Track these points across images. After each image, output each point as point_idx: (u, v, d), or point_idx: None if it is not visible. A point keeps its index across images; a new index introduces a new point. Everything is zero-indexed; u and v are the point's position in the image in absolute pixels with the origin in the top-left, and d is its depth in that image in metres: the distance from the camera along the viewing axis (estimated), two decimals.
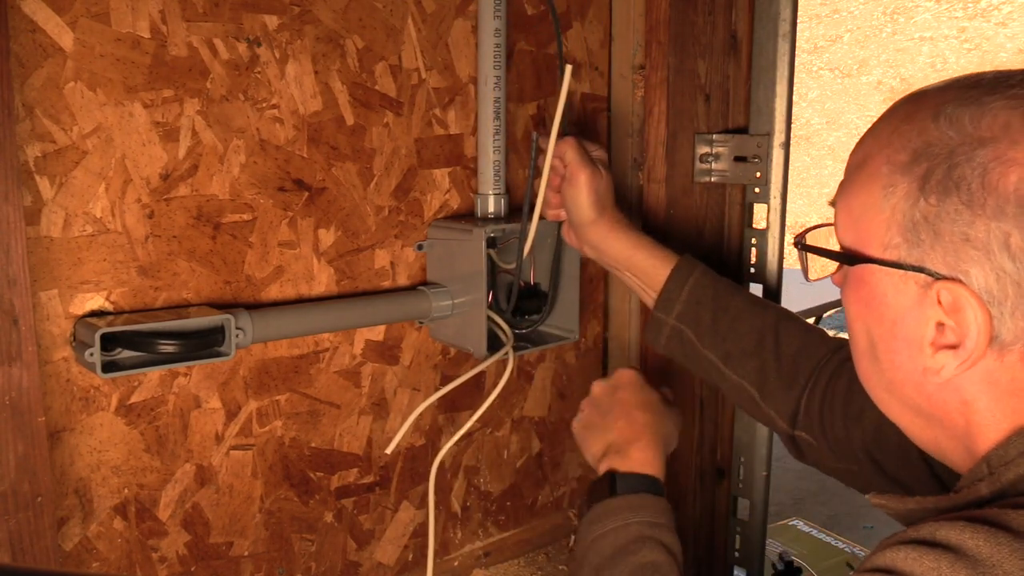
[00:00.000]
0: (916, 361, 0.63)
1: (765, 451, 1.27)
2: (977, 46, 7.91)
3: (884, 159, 0.63)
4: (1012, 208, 0.56)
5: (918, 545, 0.53)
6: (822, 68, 8.55)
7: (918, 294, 0.61)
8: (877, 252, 0.63)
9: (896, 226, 0.62)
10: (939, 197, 0.59)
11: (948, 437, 0.65)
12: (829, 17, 8.88)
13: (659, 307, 1.02)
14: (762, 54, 1.19)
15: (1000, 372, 0.60)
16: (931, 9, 8.36)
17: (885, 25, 8.52)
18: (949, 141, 0.59)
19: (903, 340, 0.63)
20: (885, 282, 0.63)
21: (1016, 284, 0.56)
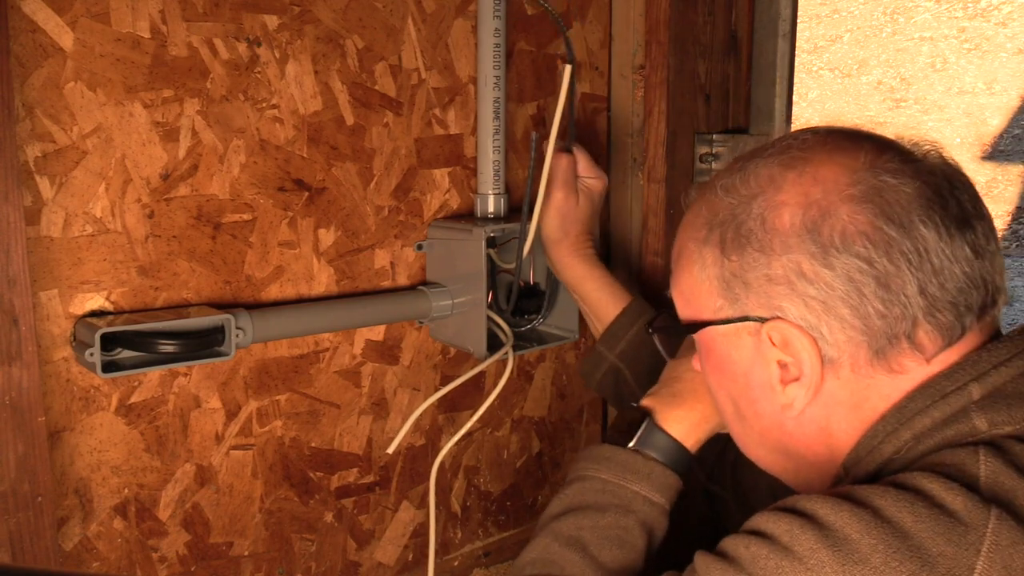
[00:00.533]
0: (773, 403, 0.68)
1: None
2: (977, 46, 7.91)
3: (690, 239, 0.72)
4: (793, 240, 0.63)
5: (782, 511, 0.59)
6: (822, 68, 8.55)
7: (753, 342, 0.67)
8: (709, 316, 0.70)
9: (716, 290, 0.69)
10: (738, 253, 0.66)
11: (816, 471, 0.70)
12: (829, 17, 8.88)
13: (603, 342, 1.04)
14: (762, 54, 1.19)
15: (840, 390, 0.65)
16: (931, 9, 8.37)
17: (885, 25, 8.53)
18: (729, 206, 0.68)
19: (757, 388, 0.69)
20: (725, 342, 0.70)
21: (823, 303, 0.63)
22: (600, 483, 0.81)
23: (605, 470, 0.82)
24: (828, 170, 0.64)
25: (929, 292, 0.61)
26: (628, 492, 0.81)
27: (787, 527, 0.57)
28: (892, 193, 0.62)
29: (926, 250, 0.61)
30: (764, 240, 0.65)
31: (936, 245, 0.61)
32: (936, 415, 0.62)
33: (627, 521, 0.79)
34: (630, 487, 0.81)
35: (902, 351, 0.63)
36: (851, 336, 0.63)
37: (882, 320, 0.62)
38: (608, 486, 0.81)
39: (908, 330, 0.62)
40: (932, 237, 0.61)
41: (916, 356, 0.63)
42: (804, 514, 0.58)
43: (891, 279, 0.61)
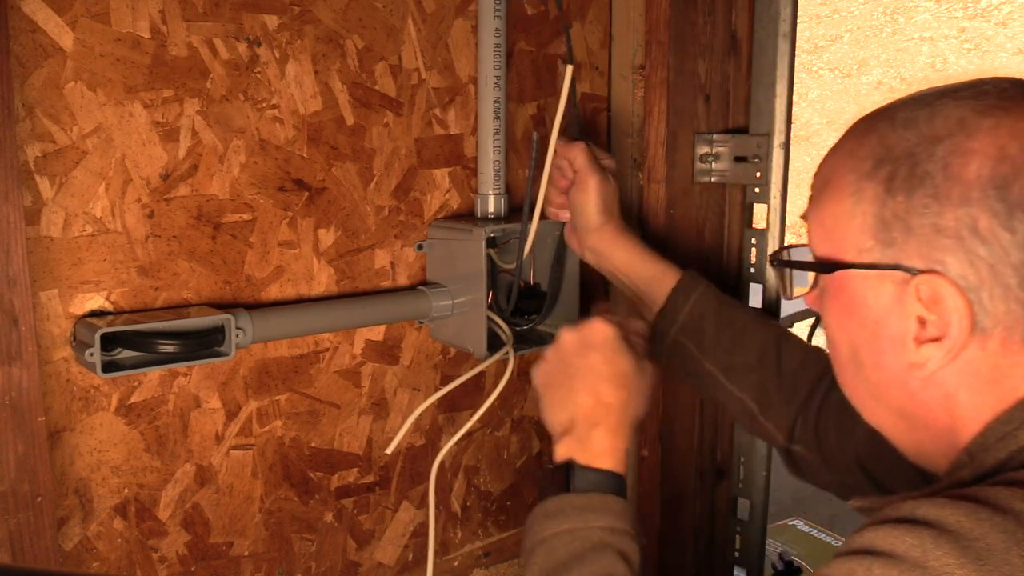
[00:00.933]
0: (900, 359, 0.63)
1: (765, 451, 1.27)
2: (977, 46, 7.91)
3: (848, 169, 0.65)
4: (976, 193, 0.58)
5: (898, 523, 0.54)
6: (822, 68, 8.55)
7: (897, 292, 0.62)
8: (852, 257, 0.65)
9: (868, 229, 0.63)
10: (906, 194, 0.61)
11: (932, 438, 0.66)
12: (829, 17, 8.88)
13: (661, 319, 1.02)
14: (762, 54, 1.19)
15: (981, 361, 0.61)
16: (931, 9, 8.36)
17: (885, 25, 8.53)
18: (908, 143, 0.62)
19: (886, 340, 0.64)
20: (863, 286, 0.65)
21: (991, 267, 0.58)
22: (566, 535, 0.78)
23: (564, 521, 0.79)
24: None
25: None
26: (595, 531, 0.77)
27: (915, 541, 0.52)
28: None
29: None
30: (942, 186, 0.59)
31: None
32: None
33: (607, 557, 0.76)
34: (595, 525, 0.78)
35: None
36: (1012, 309, 0.58)
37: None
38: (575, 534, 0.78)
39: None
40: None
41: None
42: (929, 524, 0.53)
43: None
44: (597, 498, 0.79)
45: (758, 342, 0.98)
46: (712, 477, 1.31)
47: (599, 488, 0.81)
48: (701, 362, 1.01)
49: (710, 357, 1.00)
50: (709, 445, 1.30)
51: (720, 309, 1.01)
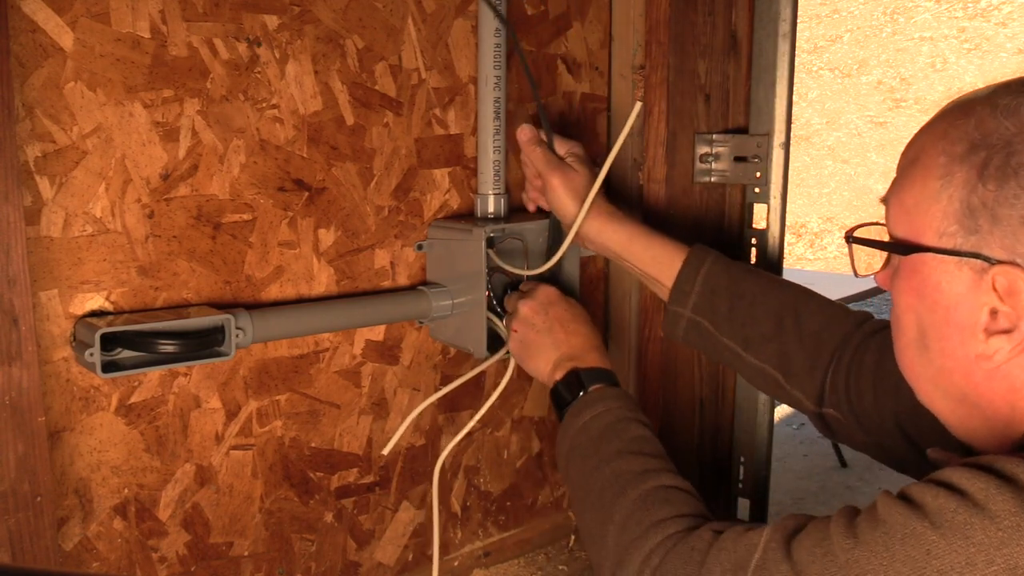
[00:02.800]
0: (968, 347, 0.64)
1: (765, 451, 1.27)
2: (977, 46, 7.91)
3: (940, 151, 0.65)
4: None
5: (976, 468, 0.57)
6: (822, 68, 8.55)
7: (972, 280, 0.63)
8: (932, 241, 0.65)
9: (953, 214, 0.63)
10: (998, 183, 0.60)
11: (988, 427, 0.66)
12: (829, 17, 8.88)
13: (673, 300, 1.02)
14: (762, 54, 1.19)
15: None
16: (931, 9, 8.37)
17: (885, 25, 8.53)
18: (1006, 131, 0.61)
19: (955, 327, 0.64)
20: (939, 270, 0.65)
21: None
22: (594, 419, 0.91)
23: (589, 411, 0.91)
24: None
25: None
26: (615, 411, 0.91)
27: (983, 485, 0.56)
28: None
29: None
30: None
31: None
32: None
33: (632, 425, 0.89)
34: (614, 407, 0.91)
35: None
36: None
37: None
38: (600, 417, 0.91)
39: None
40: None
41: None
42: (1003, 475, 0.56)
43: None
44: (609, 389, 0.94)
45: (772, 311, 0.98)
46: (712, 477, 1.31)
47: (605, 380, 0.95)
48: (719, 339, 1.01)
49: (726, 333, 1.00)
50: (709, 445, 1.30)
51: (730, 283, 1.00)
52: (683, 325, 1.02)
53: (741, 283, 1.00)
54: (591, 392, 0.93)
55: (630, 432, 0.88)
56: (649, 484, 0.81)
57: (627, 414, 0.90)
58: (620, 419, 0.90)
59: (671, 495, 0.80)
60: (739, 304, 0.99)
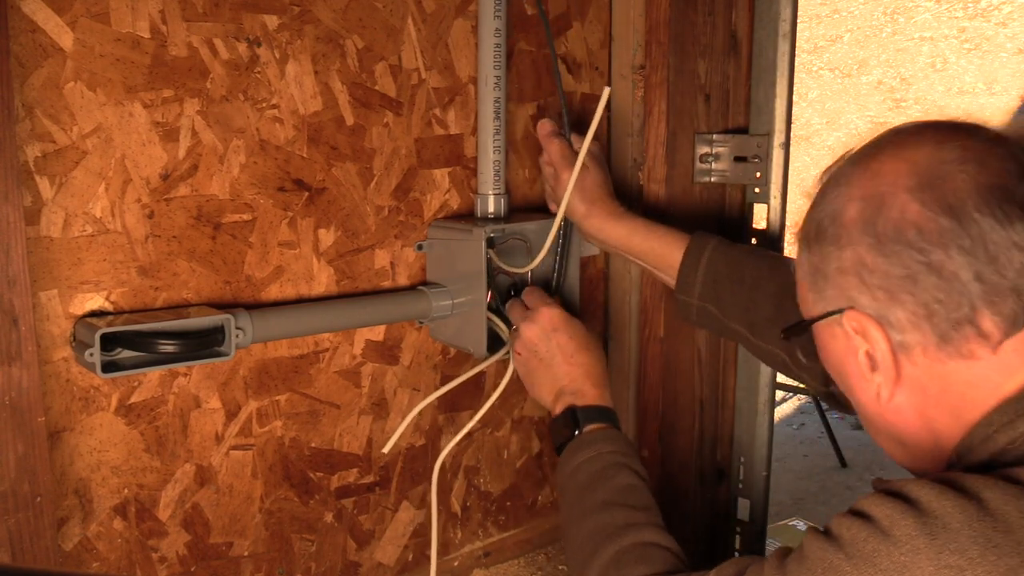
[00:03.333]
0: (868, 392, 0.71)
1: (765, 451, 1.27)
2: (977, 46, 7.91)
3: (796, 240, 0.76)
4: (856, 233, 0.67)
5: (885, 495, 0.61)
6: (822, 68, 8.55)
7: (843, 334, 0.70)
8: (808, 314, 0.75)
9: (808, 285, 0.73)
10: (817, 247, 0.71)
11: (932, 461, 0.71)
12: (829, 17, 8.88)
13: (680, 290, 1.05)
14: (762, 54, 1.19)
15: (920, 375, 0.67)
16: (931, 9, 8.36)
17: (885, 25, 8.52)
18: (815, 204, 0.73)
19: (854, 377, 0.72)
20: (824, 335, 0.74)
21: (886, 292, 0.66)
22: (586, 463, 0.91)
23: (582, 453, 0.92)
24: (890, 164, 0.67)
25: (987, 278, 0.62)
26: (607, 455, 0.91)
27: (889, 511, 0.59)
28: (948, 182, 0.63)
29: (980, 237, 0.62)
30: (834, 234, 0.69)
31: (993, 232, 0.62)
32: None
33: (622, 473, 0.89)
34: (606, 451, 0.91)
35: (968, 337, 0.64)
36: (915, 322, 0.65)
37: (940, 306, 0.64)
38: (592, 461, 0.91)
39: (969, 316, 0.63)
40: (988, 224, 0.62)
41: (983, 342, 0.64)
42: (908, 499, 0.59)
43: (944, 266, 0.63)
44: (601, 431, 0.94)
45: (772, 294, 0.99)
46: (712, 477, 1.31)
47: (602, 419, 0.95)
48: (727, 323, 1.04)
49: (733, 318, 1.03)
50: (709, 445, 1.30)
51: (730, 270, 1.02)
52: (693, 311, 1.06)
53: (741, 269, 1.02)
54: (585, 433, 0.94)
55: (618, 480, 0.88)
56: (628, 540, 0.82)
57: (618, 459, 0.90)
58: (609, 465, 0.90)
59: (648, 553, 0.81)
60: (740, 290, 1.02)
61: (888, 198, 0.66)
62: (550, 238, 1.07)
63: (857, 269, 0.67)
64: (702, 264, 1.03)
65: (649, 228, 1.07)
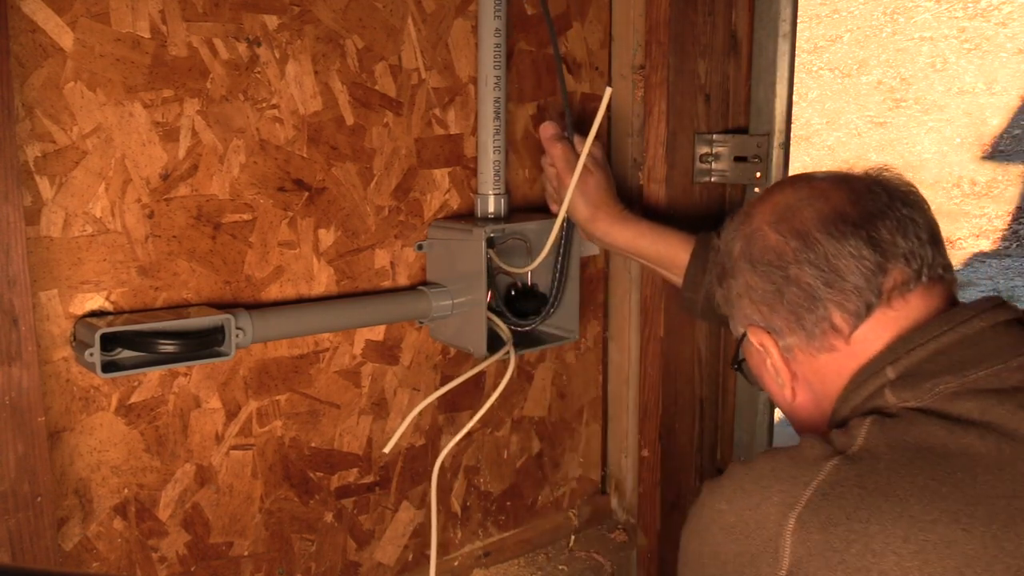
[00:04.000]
0: (782, 395, 0.84)
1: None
2: (977, 46, 7.91)
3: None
4: (741, 263, 0.82)
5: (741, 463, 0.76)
6: (822, 68, 8.55)
7: (754, 350, 0.84)
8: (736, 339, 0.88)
9: (729, 315, 0.87)
10: (722, 282, 0.86)
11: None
12: (829, 17, 8.88)
13: (687, 288, 1.07)
14: (762, 54, 1.19)
15: (805, 372, 0.81)
16: (931, 9, 8.36)
17: (885, 25, 8.52)
18: (722, 243, 0.87)
19: (771, 384, 0.85)
20: (747, 354, 0.87)
21: (767, 305, 0.80)
22: None
23: None
24: (760, 208, 0.83)
25: (833, 284, 0.76)
26: None
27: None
28: (797, 215, 0.79)
29: (824, 252, 0.76)
30: (729, 268, 0.84)
31: (831, 246, 0.76)
32: (863, 392, 0.76)
33: None
34: None
35: (827, 333, 0.78)
36: (790, 326, 0.80)
37: (804, 310, 0.78)
38: None
39: (824, 315, 0.77)
40: (827, 241, 0.76)
41: (838, 336, 0.78)
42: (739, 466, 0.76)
43: (800, 278, 0.78)
44: None
45: None
46: (712, 477, 1.31)
47: None
48: None
49: None
50: (709, 445, 1.30)
51: None
52: (699, 307, 1.08)
53: None
54: None
55: None
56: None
57: None
58: None
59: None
60: None
61: (756, 232, 0.81)
62: (551, 239, 1.07)
63: (746, 291, 0.82)
64: (709, 263, 1.04)
65: (654, 230, 1.09)
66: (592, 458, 1.34)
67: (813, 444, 0.71)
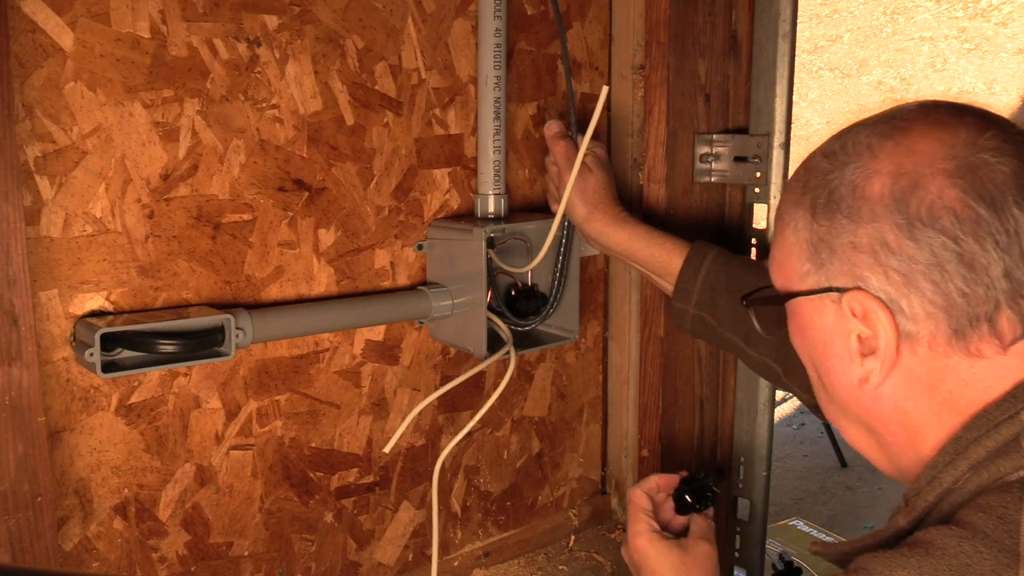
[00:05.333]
0: (850, 375, 0.68)
1: (765, 451, 1.27)
2: (977, 46, 7.91)
3: (787, 203, 0.72)
4: (881, 209, 0.63)
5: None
6: (822, 68, 8.55)
7: (836, 311, 0.67)
8: (797, 285, 0.70)
9: (804, 255, 0.69)
10: (827, 217, 0.66)
11: (899, 455, 0.69)
12: (829, 17, 8.88)
13: (677, 298, 1.05)
14: (762, 54, 1.19)
15: (918, 367, 0.64)
16: (931, 9, 8.36)
17: (885, 25, 8.52)
18: (825, 170, 0.67)
19: (836, 358, 0.69)
20: (809, 309, 0.70)
21: (904, 276, 0.62)
22: None
23: None
24: (925, 143, 0.63)
25: (1015, 276, 0.60)
26: None
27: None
28: (988, 171, 0.60)
29: (1016, 232, 0.59)
30: (853, 207, 0.64)
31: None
32: (989, 444, 0.61)
33: None
34: None
35: (982, 335, 0.62)
36: (931, 312, 0.62)
37: (963, 299, 0.61)
38: None
39: (990, 313, 0.61)
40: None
41: (994, 342, 0.62)
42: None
43: (976, 258, 0.60)
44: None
45: None
46: (712, 477, 1.31)
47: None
48: (721, 332, 1.04)
49: (728, 327, 1.03)
50: (709, 445, 1.30)
51: (729, 280, 1.02)
52: (688, 319, 1.06)
53: (740, 279, 1.02)
54: None
55: None
56: None
57: None
58: None
59: None
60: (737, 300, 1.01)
61: (924, 179, 0.61)
62: (550, 238, 1.07)
63: (875, 248, 0.63)
64: (701, 273, 1.03)
65: (650, 234, 1.07)
66: (592, 458, 1.34)
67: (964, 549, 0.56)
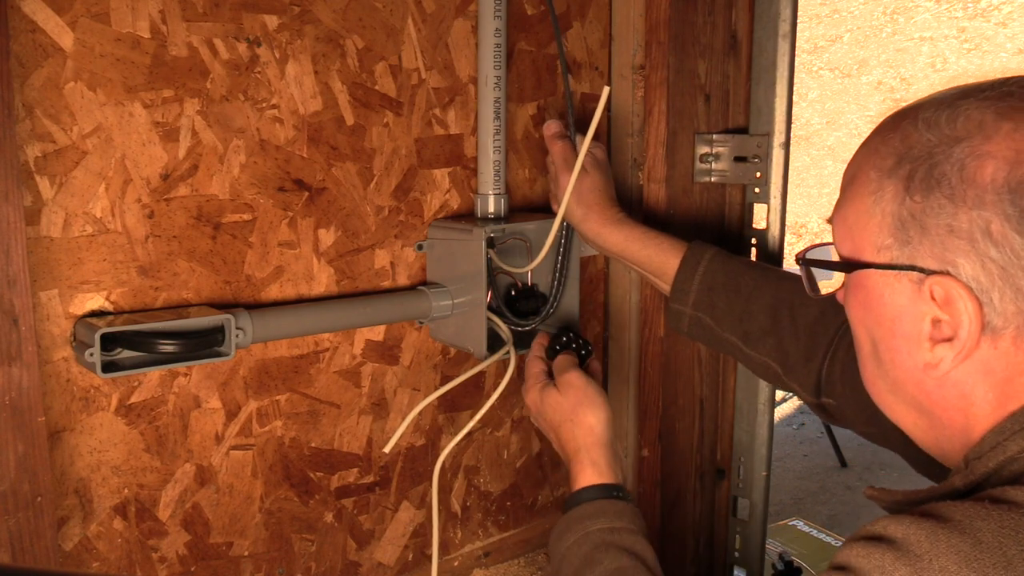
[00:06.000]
0: (916, 357, 0.65)
1: (765, 451, 1.27)
2: (977, 46, 7.90)
3: (872, 167, 0.66)
4: (991, 196, 0.59)
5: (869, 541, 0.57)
6: (822, 68, 8.55)
7: (912, 291, 0.64)
8: (871, 256, 0.66)
9: (887, 228, 0.65)
10: (923, 194, 0.62)
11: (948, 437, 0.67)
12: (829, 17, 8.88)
13: (674, 299, 1.05)
14: (762, 54, 1.19)
15: (995, 360, 0.62)
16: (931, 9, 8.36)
17: (885, 25, 8.52)
18: (928, 142, 0.62)
19: (902, 338, 0.65)
20: (881, 284, 0.66)
21: (1002, 269, 0.59)
22: (574, 545, 0.86)
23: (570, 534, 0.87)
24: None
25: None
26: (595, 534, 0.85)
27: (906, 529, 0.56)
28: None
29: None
30: (957, 188, 0.60)
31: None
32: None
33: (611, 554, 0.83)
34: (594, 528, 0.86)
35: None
36: (1022, 309, 0.59)
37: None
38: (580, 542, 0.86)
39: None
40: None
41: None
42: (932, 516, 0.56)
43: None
44: (591, 506, 0.88)
45: (768, 305, 0.99)
46: (712, 477, 1.31)
47: (594, 497, 0.89)
48: (720, 333, 1.03)
49: (727, 327, 1.02)
50: (709, 445, 1.30)
51: (727, 280, 1.02)
52: (686, 321, 1.05)
53: (738, 279, 1.02)
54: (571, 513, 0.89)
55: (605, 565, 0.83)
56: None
57: (606, 538, 0.84)
58: (596, 546, 0.84)
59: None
60: (736, 300, 1.01)
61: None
62: (550, 238, 1.07)
63: (974, 235, 0.59)
64: (698, 273, 1.03)
65: (646, 235, 1.06)
66: None
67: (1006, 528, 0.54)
